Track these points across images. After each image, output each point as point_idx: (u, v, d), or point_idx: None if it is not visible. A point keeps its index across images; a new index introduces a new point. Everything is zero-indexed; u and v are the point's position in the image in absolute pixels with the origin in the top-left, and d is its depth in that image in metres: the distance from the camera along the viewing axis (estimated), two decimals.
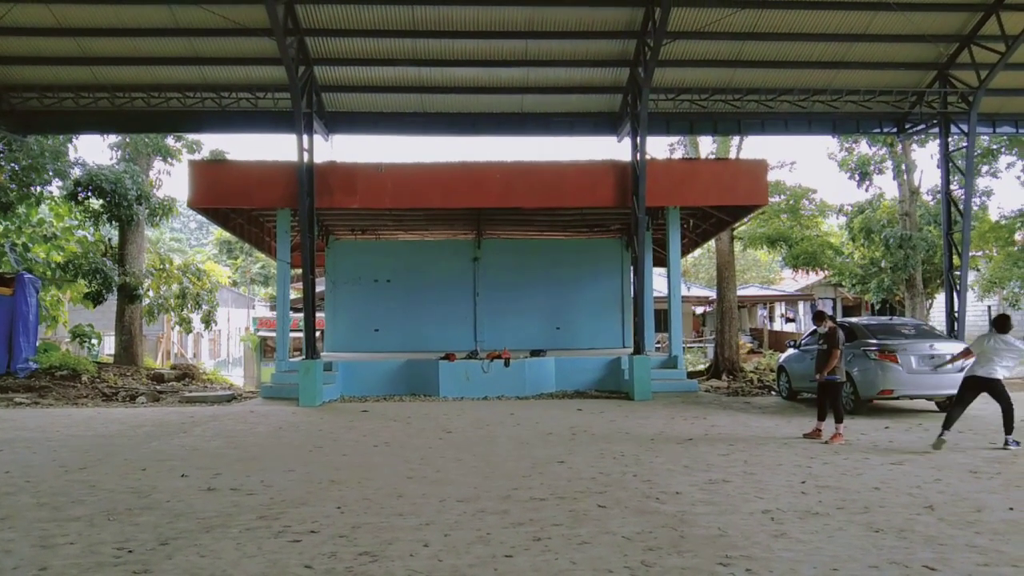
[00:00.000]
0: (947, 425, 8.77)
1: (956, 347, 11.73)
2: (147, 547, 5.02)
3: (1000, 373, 8.82)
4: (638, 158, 14.66)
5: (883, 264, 23.54)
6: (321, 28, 14.33)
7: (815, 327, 10.36)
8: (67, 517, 5.82)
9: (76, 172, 19.11)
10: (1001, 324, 8.96)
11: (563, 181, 15.49)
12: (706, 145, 23.10)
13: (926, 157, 36.49)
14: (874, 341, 11.72)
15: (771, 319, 42.25)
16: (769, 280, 47.49)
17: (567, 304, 19.86)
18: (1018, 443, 8.64)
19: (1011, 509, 5.86)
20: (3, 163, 18.04)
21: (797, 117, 16.61)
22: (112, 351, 21.60)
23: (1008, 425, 8.74)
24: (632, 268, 15.91)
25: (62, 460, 8.32)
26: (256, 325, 38.79)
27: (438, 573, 4.48)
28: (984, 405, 12.55)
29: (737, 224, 20.43)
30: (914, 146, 23.46)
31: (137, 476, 7.40)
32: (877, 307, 28.91)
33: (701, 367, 23.33)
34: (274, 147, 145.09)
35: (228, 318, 41.37)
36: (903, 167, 23.17)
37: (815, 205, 24.26)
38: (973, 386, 8.91)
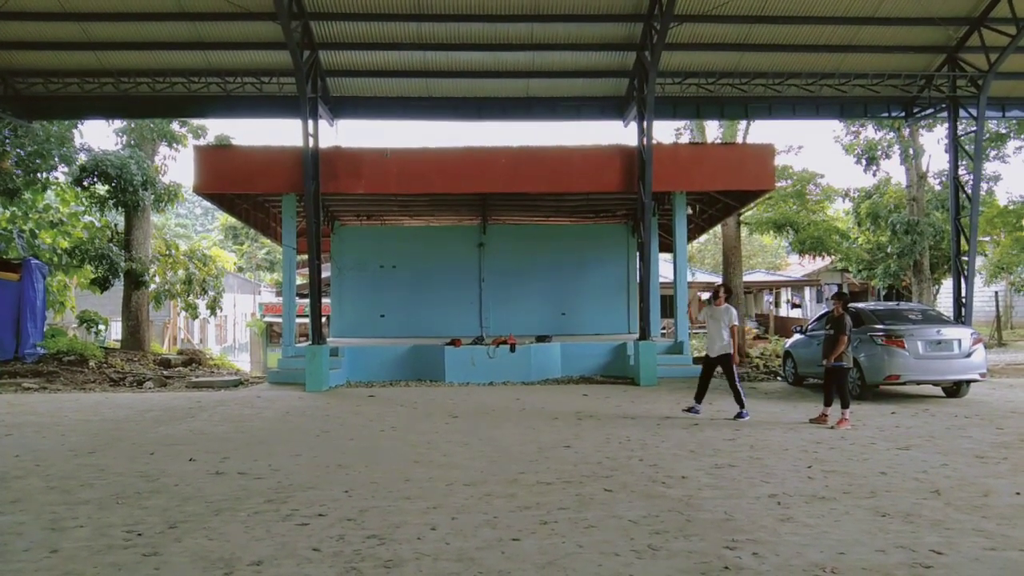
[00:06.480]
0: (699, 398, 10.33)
1: (963, 332, 11.71)
2: (156, 530, 5.05)
3: (716, 350, 10.11)
4: (644, 143, 14.57)
5: (890, 249, 23.47)
6: (326, 12, 14.24)
7: (831, 308, 10.26)
8: (77, 500, 5.87)
9: (82, 158, 19.12)
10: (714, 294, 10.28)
11: (569, 166, 15.41)
12: (712, 130, 23.00)
13: (933, 141, 36.26)
14: (881, 326, 11.67)
15: (777, 305, 42.19)
16: (775, 266, 47.39)
17: (573, 290, 19.82)
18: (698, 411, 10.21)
19: (1018, 494, 5.86)
20: (9, 149, 18.05)
21: (804, 101, 16.52)
22: (119, 337, 21.69)
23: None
24: (638, 254, 15.85)
25: (71, 444, 8.37)
26: (262, 311, 38.90)
27: (445, 556, 4.49)
28: (990, 391, 12.59)
29: (744, 209, 20.33)
30: (922, 130, 23.30)
31: (145, 460, 7.44)
32: (884, 292, 28.84)
33: None
34: (279, 132, 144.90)
35: (234, 304, 41.52)
36: (910, 151, 23.02)
37: (822, 190, 24.16)
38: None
